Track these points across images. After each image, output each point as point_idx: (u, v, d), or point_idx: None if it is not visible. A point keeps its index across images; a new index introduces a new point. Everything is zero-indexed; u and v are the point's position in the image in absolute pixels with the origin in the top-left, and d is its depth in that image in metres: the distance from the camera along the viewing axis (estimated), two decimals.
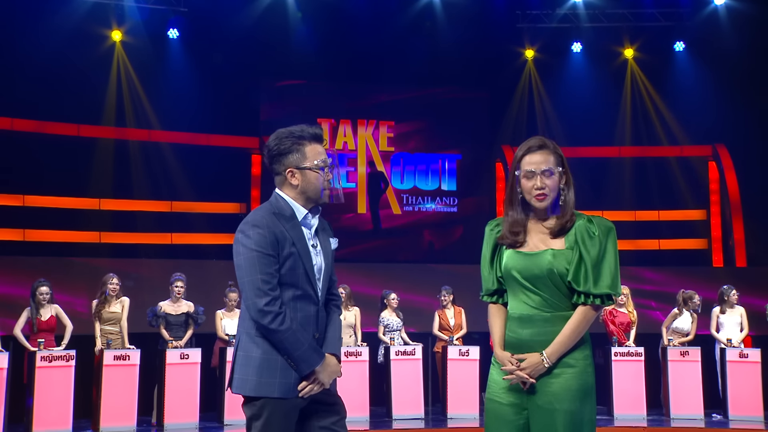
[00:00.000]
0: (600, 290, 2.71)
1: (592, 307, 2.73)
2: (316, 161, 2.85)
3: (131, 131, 11.40)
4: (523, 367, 2.71)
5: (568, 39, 12.50)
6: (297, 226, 2.82)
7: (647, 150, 12.69)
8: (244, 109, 11.76)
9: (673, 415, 8.67)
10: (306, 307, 2.80)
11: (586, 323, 2.73)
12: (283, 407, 2.75)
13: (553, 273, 2.72)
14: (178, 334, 8.25)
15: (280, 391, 2.74)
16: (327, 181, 2.86)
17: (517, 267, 2.77)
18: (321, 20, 11.73)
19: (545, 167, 2.76)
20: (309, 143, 2.86)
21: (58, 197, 10.81)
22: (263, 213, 2.82)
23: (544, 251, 2.75)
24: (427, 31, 12.12)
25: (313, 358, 2.75)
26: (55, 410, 7.40)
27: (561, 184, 2.80)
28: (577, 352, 2.74)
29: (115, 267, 8.99)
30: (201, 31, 11.45)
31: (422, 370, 8.73)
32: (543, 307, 2.75)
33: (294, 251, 2.77)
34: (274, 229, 2.76)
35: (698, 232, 12.44)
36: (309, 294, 2.80)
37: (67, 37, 10.60)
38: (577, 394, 2.70)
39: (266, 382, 2.74)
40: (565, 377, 2.71)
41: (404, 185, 12.38)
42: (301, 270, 2.78)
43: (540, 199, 2.77)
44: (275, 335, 2.72)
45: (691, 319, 9.11)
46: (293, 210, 2.85)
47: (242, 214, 11.55)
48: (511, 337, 2.79)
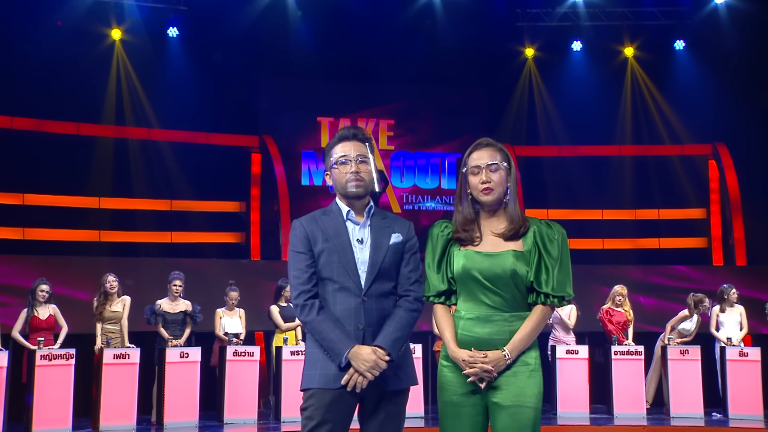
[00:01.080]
0: (559, 292, 2.80)
1: (550, 307, 2.82)
2: (334, 158, 2.99)
3: (131, 130, 11.36)
4: (487, 361, 2.75)
5: (568, 38, 12.47)
6: (339, 222, 2.96)
7: (647, 149, 12.68)
8: (243, 107, 11.73)
9: (673, 413, 8.65)
10: (346, 300, 2.88)
11: (543, 322, 2.82)
12: (324, 398, 2.82)
13: (516, 274, 2.78)
14: (175, 332, 8.25)
15: (320, 382, 2.84)
16: (348, 173, 2.95)
17: (477, 267, 2.81)
18: (321, 19, 11.70)
19: (490, 161, 2.84)
20: (336, 144, 3.02)
21: (57, 196, 10.79)
22: (308, 215, 3.02)
23: (506, 252, 2.81)
24: (427, 30, 12.10)
25: (339, 346, 2.81)
26: (55, 409, 7.37)
27: (508, 182, 2.86)
28: (533, 350, 2.82)
29: (115, 266, 9.00)
30: (201, 29, 11.40)
31: (422, 369, 8.66)
32: (502, 307, 2.80)
33: (328, 246, 2.91)
34: (307, 226, 2.95)
35: (698, 230, 12.42)
36: (348, 287, 2.88)
37: (66, 35, 10.59)
38: (538, 393, 2.79)
39: (309, 374, 2.88)
40: (525, 375, 2.78)
41: (404, 184, 12.37)
42: (336, 263, 2.89)
43: (486, 193, 2.83)
44: (306, 326, 2.90)
45: (697, 322, 9.11)
46: (339, 208, 3.00)
47: (242, 212, 11.56)
48: (466, 336, 2.82)
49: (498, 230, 2.85)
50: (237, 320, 8.69)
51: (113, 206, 11.12)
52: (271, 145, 11.36)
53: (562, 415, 8.46)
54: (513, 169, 2.89)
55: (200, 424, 7.92)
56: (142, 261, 10.64)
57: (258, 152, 11.66)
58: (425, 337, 9.42)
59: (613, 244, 12.31)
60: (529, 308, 2.82)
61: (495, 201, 2.85)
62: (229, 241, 11.41)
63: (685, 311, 9.12)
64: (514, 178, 2.88)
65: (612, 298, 9.12)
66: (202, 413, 8.05)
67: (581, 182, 12.38)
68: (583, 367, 8.75)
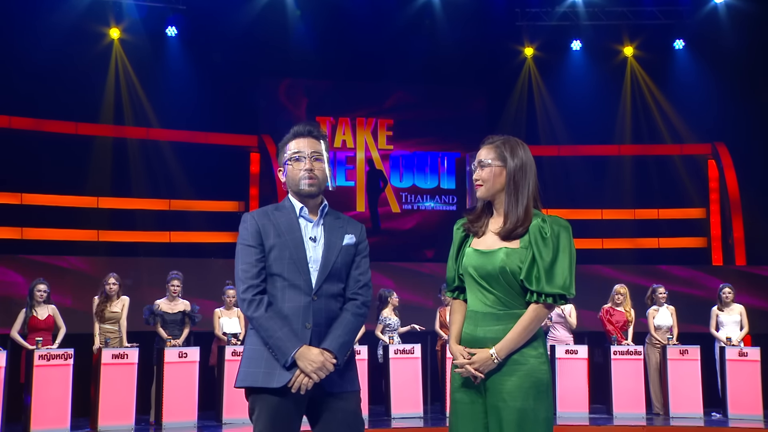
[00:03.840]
0: (553, 290, 2.74)
1: (544, 306, 2.76)
2: (288, 154, 2.95)
3: (129, 129, 11.35)
4: (472, 361, 2.75)
5: (568, 37, 12.46)
6: (291, 219, 2.90)
7: (647, 148, 12.67)
8: (242, 107, 11.72)
9: (673, 414, 8.64)
10: (295, 297, 2.81)
11: (537, 321, 2.76)
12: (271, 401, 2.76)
13: (506, 271, 2.76)
14: (174, 332, 8.26)
15: (264, 381, 2.76)
16: (302, 170, 2.90)
17: (473, 264, 2.83)
18: (320, 18, 11.68)
19: (482, 158, 2.87)
20: (291, 140, 2.97)
21: (56, 195, 10.76)
22: (259, 209, 2.95)
23: (498, 249, 2.80)
24: (426, 29, 12.09)
25: (286, 345, 2.74)
26: (53, 409, 7.37)
27: (509, 181, 2.84)
28: (530, 349, 2.77)
29: (114, 265, 8.98)
30: (199, 28, 11.40)
31: (421, 368, 8.69)
32: (496, 305, 2.79)
33: (279, 241, 2.84)
34: (258, 221, 2.87)
35: (698, 230, 12.41)
36: (298, 284, 2.82)
37: (65, 34, 10.55)
38: (529, 392, 2.72)
39: (250, 371, 2.79)
40: (518, 375, 2.74)
41: (403, 184, 12.35)
42: (288, 260, 2.82)
43: (476, 188, 2.89)
44: (252, 322, 2.80)
45: (668, 312, 9.09)
46: (291, 204, 2.94)
47: (241, 212, 11.46)
48: (466, 334, 2.85)
49: (496, 228, 2.85)
50: (235, 320, 8.67)
51: (112, 206, 11.10)
52: (270, 144, 11.32)
53: (561, 415, 8.43)
54: (514, 167, 2.84)
55: (199, 424, 7.90)
56: (140, 261, 10.61)
57: (257, 152, 11.65)
58: (424, 338, 9.40)
59: (613, 243, 12.30)
60: (527, 307, 2.78)
61: (484, 196, 2.87)
62: (228, 241, 11.30)
63: (650, 309, 9.13)
64: (516, 178, 2.83)
65: (612, 297, 9.10)
66: (200, 413, 8.03)
67: (580, 182, 12.39)
68: (582, 367, 8.74)
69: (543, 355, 2.79)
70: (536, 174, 2.85)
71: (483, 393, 2.78)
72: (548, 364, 2.81)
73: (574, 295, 2.78)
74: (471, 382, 2.79)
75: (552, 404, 2.82)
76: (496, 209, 2.89)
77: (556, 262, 2.75)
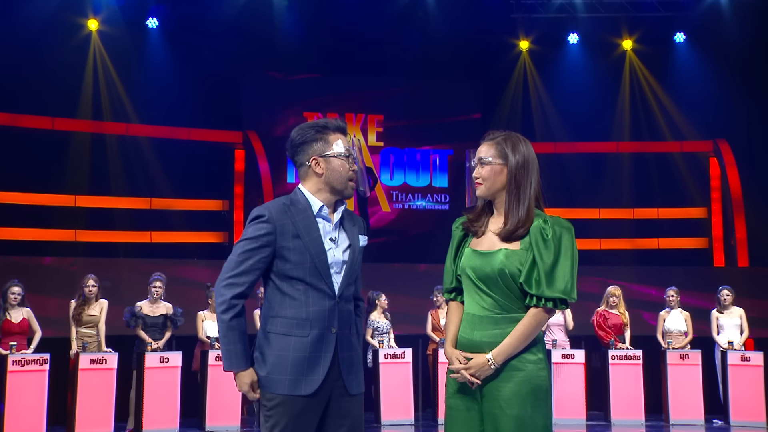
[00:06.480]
0: (553, 294, 2.68)
1: (544, 310, 2.71)
2: (339, 149, 2.85)
3: (108, 125, 11.24)
4: (469, 366, 2.71)
5: (565, 30, 12.37)
6: (310, 218, 2.82)
7: (646, 145, 12.62)
8: (227, 102, 11.63)
9: (673, 420, 8.67)
10: (320, 301, 2.77)
11: (536, 326, 2.71)
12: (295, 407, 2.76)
13: (505, 274, 2.71)
14: (155, 336, 8.21)
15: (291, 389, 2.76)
16: (352, 171, 2.88)
17: (471, 265, 2.77)
18: (308, 10, 11.58)
19: (481, 155, 2.82)
20: (333, 133, 2.88)
21: (31, 193, 10.68)
22: (272, 203, 2.84)
23: (497, 251, 2.75)
24: (418, 22, 11.98)
25: (237, 361, 2.77)
26: (28, 417, 7.27)
27: (506, 180, 2.79)
28: (528, 354, 2.72)
29: (92, 266, 8.95)
30: (182, 20, 11.28)
31: (412, 373, 8.69)
32: (494, 309, 2.74)
33: (298, 243, 2.77)
34: (277, 221, 2.78)
35: (699, 230, 12.37)
36: (321, 288, 2.78)
37: (41, 25, 10.46)
38: (527, 399, 2.68)
39: (278, 378, 2.80)
40: (515, 381, 2.69)
41: (394, 182, 12.24)
42: (309, 264, 2.77)
43: (476, 187, 2.84)
44: (219, 318, 2.77)
45: (680, 315, 9.04)
46: (309, 202, 2.85)
47: (225, 211, 11.55)
48: (462, 338, 2.79)
49: (496, 229, 2.80)
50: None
51: (90, 204, 11.01)
52: (256, 141, 11.28)
53: (558, 422, 8.38)
54: (515, 166, 2.78)
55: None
56: (120, 262, 10.57)
57: (242, 148, 11.56)
58: (415, 341, 9.38)
59: (611, 244, 12.25)
60: (527, 311, 2.72)
61: (484, 195, 2.82)
62: (211, 241, 11.39)
63: (662, 312, 9.09)
64: (517, 176, 2.78)
65: (606, 299, 9.08)
66: (182, 420, 7.97)
67: (578, 180, 12.39)
68: (579, 371, 8.74)
69: (542, 360, 2.75)
70: (539, 172, 2.81)
71: (479, 399, 2.74)
72: (548, 370, 2.78)
73: (575, 300, 2.72)
74: (467, 388, 2.74)
75: (551, 412, 2.77)
76: (497, 209, 2.83)
77: (557, 265, 2.69)
